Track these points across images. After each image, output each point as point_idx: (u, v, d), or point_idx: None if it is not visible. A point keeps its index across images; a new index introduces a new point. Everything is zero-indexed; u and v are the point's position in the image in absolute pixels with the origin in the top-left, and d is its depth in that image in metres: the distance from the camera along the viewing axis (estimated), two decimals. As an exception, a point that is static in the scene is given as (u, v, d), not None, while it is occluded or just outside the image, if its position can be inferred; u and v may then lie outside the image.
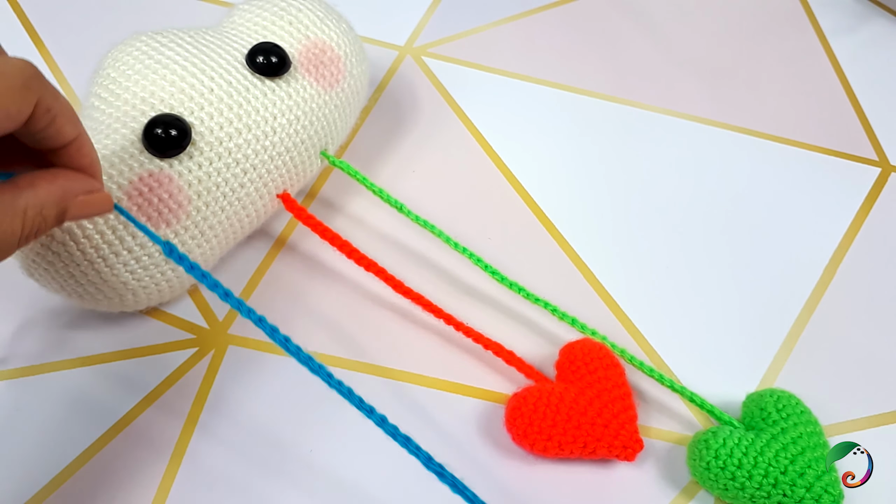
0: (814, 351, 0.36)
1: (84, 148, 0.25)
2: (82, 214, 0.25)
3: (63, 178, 0.24)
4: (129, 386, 0.33)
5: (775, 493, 0.29)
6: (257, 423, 0.33)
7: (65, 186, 0.24)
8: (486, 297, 0.37)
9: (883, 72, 0.49)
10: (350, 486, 0.31)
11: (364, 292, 0.37)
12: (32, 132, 0.22)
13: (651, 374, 0.33)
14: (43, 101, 0.22)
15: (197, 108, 0.32)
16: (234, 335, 0.35)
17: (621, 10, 0.52)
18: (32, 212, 0.23)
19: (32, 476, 0.31)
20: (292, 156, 0.35)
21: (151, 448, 0.32)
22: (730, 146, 0.44)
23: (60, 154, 0.24)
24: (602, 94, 0.47)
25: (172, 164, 0.31)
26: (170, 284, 0.33)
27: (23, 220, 0.22)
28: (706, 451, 0.30)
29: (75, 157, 0.24)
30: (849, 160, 0.44)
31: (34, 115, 0.22)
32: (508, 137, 0.44)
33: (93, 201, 0.25)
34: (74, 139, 0.24)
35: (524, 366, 0.33)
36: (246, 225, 0.35)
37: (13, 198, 0.22)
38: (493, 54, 0.48)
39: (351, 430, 0.32)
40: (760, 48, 0.50)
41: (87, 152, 0.25)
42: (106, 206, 0.26)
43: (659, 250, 0.39)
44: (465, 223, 0.39)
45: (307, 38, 0.36)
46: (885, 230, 0.41)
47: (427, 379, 0.34)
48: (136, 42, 0.33)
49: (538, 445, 0.31)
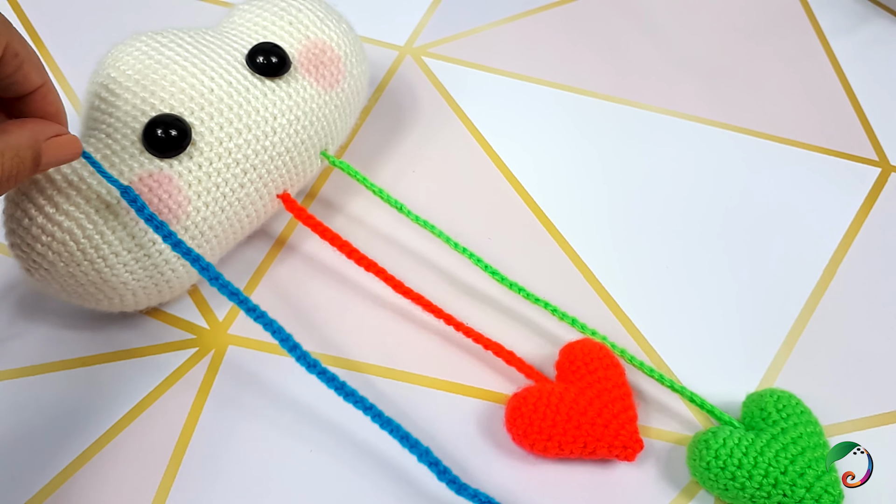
0: (814, 351, 0.36)
1: (49, 95, 0.26)
2: (55, 157, 0.26)
3: (31, 123, 0.26)
4: (129, 386, 0.33)
5: (775, 494, 0.29)
6: (257, 424, 0.33)
7: (35, 129, 0.25)
8: (486, 297, 0.37)
9: (883, 72, 0.49)
10: (350, 486, 0.31)
11: (364, 292, 0.37)
12: (1, 77, 0.24)
13: (651, 374, 0.33)
14: (11, 45, 0.23)
15: (197, 109, 0.32)
16: (234, 335, 0.35)
17: (621, 10, 0.52)
18: (9, 153, 0.24)
19: (32, 476, 0.31)
20: (292, 156, 0.35)
21: (151, 448, 0.32)
22: (730, 146, 0.44)
23: (27, 102, 0.26)
24: (602, 94, 0.47)
25: (172, 164, 0.31)
26: (170, 284, 0.33)
27: (1, 162, 0.24)
28: (706, 451, 0.30)
29: (41, 104, 0.26)
30: (849, 160, 0.44)
31: (3, 59, 0.23)
32: (508, 137, 0.44)
33: (62, 143, 0.27)
34: (41, 86, 0.26)
35: (524, 366, 0.33)
36: (246, 225, 0.35)
37: None
38: (493, 54, 0.48)
39: (351, 430, 0.32)
40: (760, 48, 0.50)
41: (53, 100, 0.27)
42: (75, 148, 0.27)
43: (659, 250, 0.39)
44: (465, 223, 0.39)
45: (307, 39, 0.36)
46: (885, 230, 0.41)
47: (427, 379, 0.34)
48: (137, 42, 0.33)
49: (538, 445, 0.31)
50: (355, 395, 0.29)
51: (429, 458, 0.28)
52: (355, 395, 0.29)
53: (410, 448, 0.28)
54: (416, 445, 0.28)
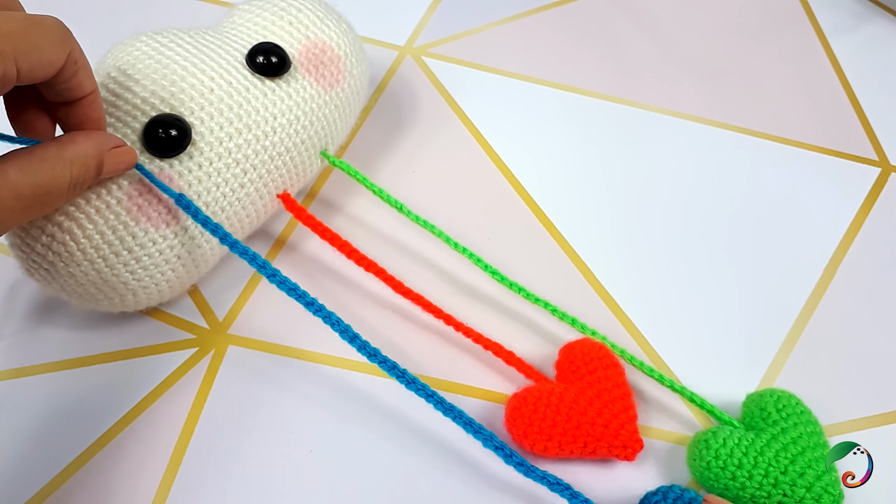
0: (814, 351, 0.36)
1: (97, 102, 0.28)
2: (114, 167, 0.28)
3: (96, 134, 0.28)
4: (129, 386, 0.33)
5: (775, 493, 0.29)
6: (257, 424, 0.33)
7: (99, 140, 0.27)
8: (486, 297, 0.37)
9: (883, 72, 0.49)
10: (350, 486, 0.31)
11: (364, 292, 0.37)
12: (60, 82, 0.26)
13: (651, 374, 0.33)
14: (73, 53, 0.25)
15: (197, 108, 0.32)
16: (234, 335, 0.35)
17: (621, 10, 0.52)
18: (78, 162, 0.26)
19: (32, 476, 0.31)
20: (292, 156, 0.35)
21: (151, 448, 0.32)
22: (730, 146, 0.44)
23: (76, 106, 0.27)
24: (602, 94, 0.47)
25: (172, 164, 0.31)
26: (170, 284, 0.33)
27: (70, 169, 0.26)
28: (706, 451, 0.30)
29: (89, 110, 0.28)
30: (849, 160, 0.44)
31: (65, 65, 0.25)
32: (508, 137, 0.44)
33: (122, 153, 0.28)
34: (91, 93, 0.27)
35: (524, 366, 0.33)
36: (246, 225, 0.35)
37: (60, 150, 0.26)
38: (493, 54, 0.48)
39: (351, 430, 0.32)
40: (760, 48, 0.50)
41: (98, 107, 0.28)
42: (132, 158, 0.29)
43: (659, 250, 0.39)
44: (465, 223, 0.39)
45: (307, 38, 0.36)
46: (885, 230, 0.41)
47: (427, 379, 0.34)
48: (137, 42, 0.33)
49: (538, 445, 0.31)
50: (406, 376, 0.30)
51: (494, 442, 0.29)
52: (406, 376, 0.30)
53: (475, 434, 0.29)
54: (480, 431, 0.29)
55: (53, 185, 0.25)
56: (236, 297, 0.36)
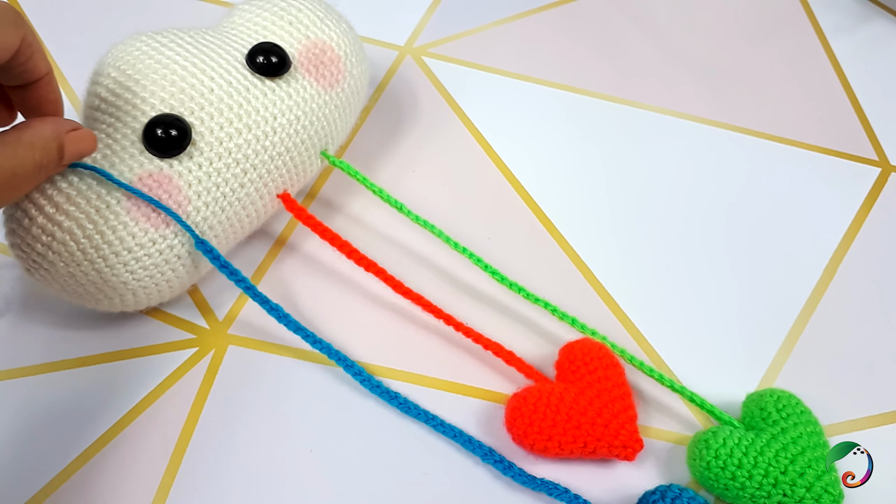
0: (814, 351, 0.36)
1: (52, 83, 0.28)
2: (76, 150, 0.28)
3: (51, 119, 0.28)
4: (129, 386, 0.33)
5: (775, 493, 0.29)
6: (257, 423, 0.33)
7: (56, 123, 0.28)
8: (486, 297, 0.37)
9: (883, 72, 0.49)
10: (350, 486, 0.31)
11: (364, 292, 0.37)
12: (16, 66, 0.26)
13: (651, 374, 0.33)
14: (26, 36, 0.26)
15: (197, 108, 0.32)
16: (234, 335, 0.35)
17: (621, 10, 0.52)
18: (39, 144, 0.26)
19: (32, 476, 0.31)
20: (292, 156, 0.35)
21: (151, 448, 0.32)
22: (730, 146, 0.44)
23: (32, 89, 0.28)
24: (602, 94, 0.47)
25: (172, 164, 0.31)
26: (170, 284, 0.33)
27: (32, 152, 0.26)
28: (706, 451, 0.30)
29: (45, 91, 0.28)
30: (849, 160, 0.44)
31: (20, 48, 0.25)
32: (508, 137, 0.44)
33: (81, 136, 0.28)
34: (45, 74, 0.28)
35: (524, 366, 0.33)
36: (246, 225, 0.35)
37: (18, 135, 0.26)
38: (493, 54, 0.48)
39: (351, 430, 0.32)
40: (760, 48, 0.50)
41: (54, 88, 0.29)
42: (92, 141, 0.29)
43: (659, 250, 0.39)
44: (465, 223, 0.39)
45: (307, 38, 0.36)
46: (885, 230, 0.41)
47: (427, 379, 0.34)
48: (137, 42, 0.33)
49: (538, 445, 0.31)
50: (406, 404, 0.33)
51: (493, 457, 0.31)
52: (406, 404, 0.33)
53: (473, 450, 0.31)
54: (479, 447, 0.31)
55: (20, 168, 0.26)
56: (236, 296, 0.36)
